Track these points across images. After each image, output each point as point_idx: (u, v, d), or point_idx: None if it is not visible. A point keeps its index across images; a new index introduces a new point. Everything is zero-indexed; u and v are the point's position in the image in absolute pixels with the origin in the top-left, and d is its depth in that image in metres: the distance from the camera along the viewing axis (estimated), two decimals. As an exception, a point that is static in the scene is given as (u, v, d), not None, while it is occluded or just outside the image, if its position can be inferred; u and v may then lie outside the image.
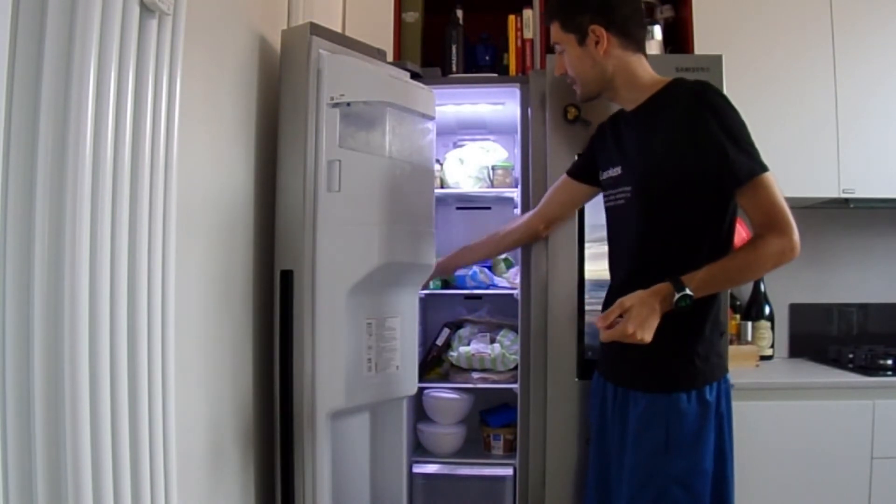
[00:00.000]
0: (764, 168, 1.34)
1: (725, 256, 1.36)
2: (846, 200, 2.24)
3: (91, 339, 0.90)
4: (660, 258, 1.42)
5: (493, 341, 2.33)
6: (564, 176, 1.74)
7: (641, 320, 1.30)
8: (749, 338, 2.39)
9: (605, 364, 1.58)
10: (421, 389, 2.30)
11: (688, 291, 1.31)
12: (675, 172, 1.38)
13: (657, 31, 2.22)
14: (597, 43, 1.45)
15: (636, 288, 1.41)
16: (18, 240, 0.85)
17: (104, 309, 0.92)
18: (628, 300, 1.32)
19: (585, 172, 1.69)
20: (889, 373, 2.06)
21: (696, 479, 1.37)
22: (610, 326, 1.33)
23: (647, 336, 1.30)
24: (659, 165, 1.41)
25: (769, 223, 1.33)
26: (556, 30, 1.53)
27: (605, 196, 1.59)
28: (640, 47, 1.50)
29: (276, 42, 1.76)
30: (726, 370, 1.46)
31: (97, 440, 0.90)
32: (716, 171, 1.35)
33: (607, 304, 1.56)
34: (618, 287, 1.51)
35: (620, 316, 1.32)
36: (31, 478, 0.85)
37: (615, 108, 1.64)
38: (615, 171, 1.53)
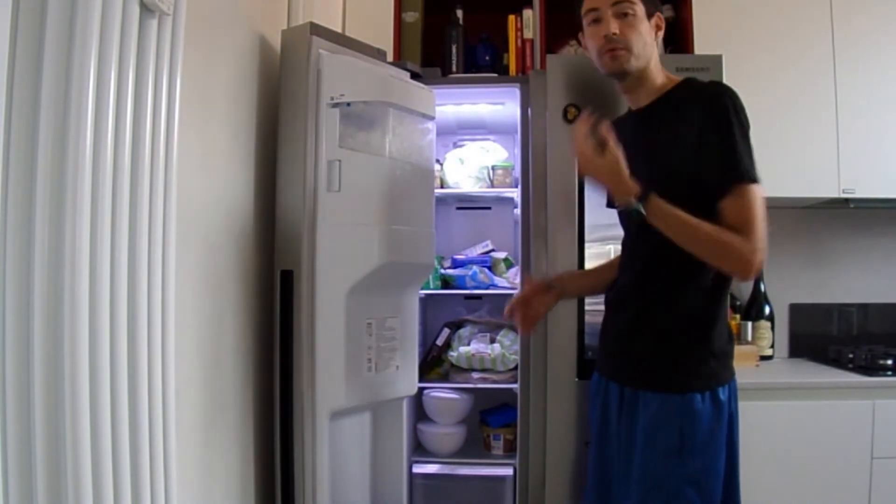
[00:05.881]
0: (754, 179, 1.32)
1: (702, 221, 1.32)
2: (846, 200, 2.24)
3: (91, 339, 0.90)
4: (672, 257, 1.39)
5: (493, 341, 2.33)
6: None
7: (587, 159, 1.36)
8: (749, 338, 2.39)
9: (608, 363, 1.55)
10: (421, 389, 2.30)
11: (642, 209, 1.33)
12: (687, 172, 1.37)
13: (657, 30, 2.23)
14: (657, 29, 1.48)
15: (647, 285, 1.39)
16: (19, 240, 0.85)
17: (104, 309, 0.92)
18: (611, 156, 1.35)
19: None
20: (889, 373, 2.06)
21: (710, 480, 1.36)
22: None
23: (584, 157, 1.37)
24: (671, 165, 1.40)
25: (742, 231, 1.30)
26: None
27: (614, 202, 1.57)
28: None
29: (276, 42, 1.76)
30: (734, 371, 1.45)
31: (97, 441, 0.90)
32: (711, 172, 1.33)
33: (608, 300, 1.56)
34: (625, 284, 1.50)
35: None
36: (30, 478, 0.85)
37: (618, 109, 1.64)
38: None
